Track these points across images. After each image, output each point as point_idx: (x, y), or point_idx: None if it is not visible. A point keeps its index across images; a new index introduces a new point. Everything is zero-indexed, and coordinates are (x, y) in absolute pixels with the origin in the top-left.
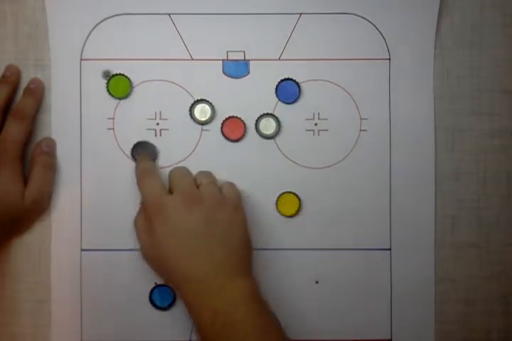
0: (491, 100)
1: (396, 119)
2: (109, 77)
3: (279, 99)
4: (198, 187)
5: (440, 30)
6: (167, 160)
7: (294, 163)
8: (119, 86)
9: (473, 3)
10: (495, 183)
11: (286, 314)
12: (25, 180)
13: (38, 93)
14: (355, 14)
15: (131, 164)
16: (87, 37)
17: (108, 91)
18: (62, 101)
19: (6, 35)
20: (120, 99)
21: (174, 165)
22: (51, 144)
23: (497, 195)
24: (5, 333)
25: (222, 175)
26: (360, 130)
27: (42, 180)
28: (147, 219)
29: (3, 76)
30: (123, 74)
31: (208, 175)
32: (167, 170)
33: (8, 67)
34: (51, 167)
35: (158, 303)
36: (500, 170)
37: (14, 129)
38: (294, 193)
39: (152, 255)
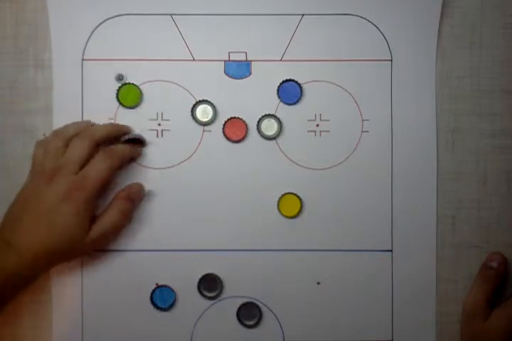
0: (491, 100)
1: (398, 120)
2: (121, 82)
3: (281, 100)
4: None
5: (440, 30)
6: (169, 161)
7: (296, 164)
8: (128, 95)
9: (474, 3)
10: (495, 183)
11: (287, 315)
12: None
13: (138, 152)
14: (357, 15)
15: (133, 165)
16: (89, 37)
17: (117, 99)
18: (64, 101)
19: (6, 35)
20: (129, 108)
21: (176, 167)
22: (139, 192)
23: (497, 195)
24: (6, 334)
25: (223, 176)
26: (362, 131)
27: (111, 224)
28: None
29: None
30: (135, 85)
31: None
32: (168, 171)
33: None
34: (127, 215)
35: (159, 304)
36: (500, 170)
37: (100, 166)
38: (295, 194)
39: None
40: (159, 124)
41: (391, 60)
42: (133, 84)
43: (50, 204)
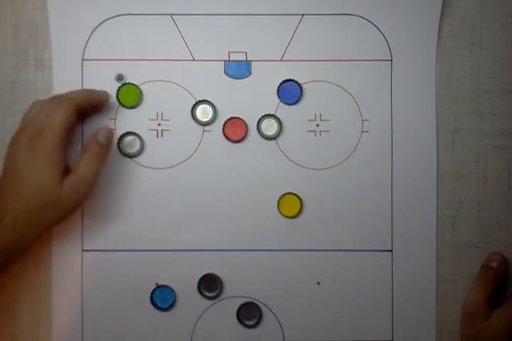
0: (491, 100)
1: (398, 120)
2: (121, 82)
3: (281, 100)
4: None
5: (440, 30)
6: (168, 161)
7: (296, 164)
8: (128, 95)
9: (474, 3)
10: (495, 183)
11: (287, 314)
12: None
13: (96, 94)
14: (357, 15)
15: (133, 164)
16: (89, 37)
17: (117, 99)
18: None
19: (6, 35)
20: (129, 108)
21: (175, 167)
22: (109, 136)
23: (497, 195)
24: (5, 333)
25: (223, 176)
26: (362, 131)
27: (86, 170)
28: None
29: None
30: (135, 85)
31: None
32: (168, 171)
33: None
34: (101, 157)
35: (159, 304)
36: (500, 170)
37: (54, 113)
38: (295, 194)
39: None
40: (159, 124)
41: (391, 60)
42: (133, 84)
43: (17, 160)
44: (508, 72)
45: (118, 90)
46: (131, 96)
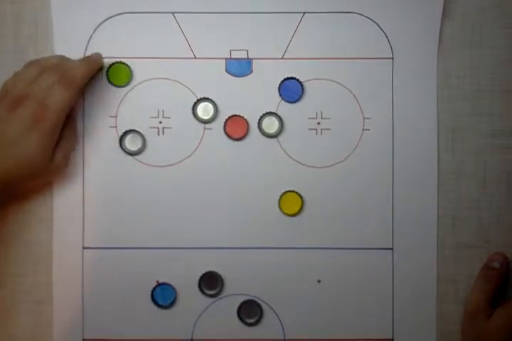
0: (490, 100)
1: (399, 119)
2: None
3: (282, 98)
4: None
5: (440, 30)
6: (169, 158)
7: (297, 162)
8: (119, 74)
9: (474, 3)
10: (495, 183)
11: (288, 312)
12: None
13: (95, 65)
14: (358, 13)
15: (134, 162)
16: (91, 35)
17: (108, 80)
18: None
19: (6, 35)
20: (121, 87)
21: (176, 164)
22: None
23: (497, 195)
24: (5, 334)
25: (224, 174)
26: (363, 129)
27: (68, 144)
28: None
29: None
30: (123, 63)
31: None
32: (170, 170)
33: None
34: (74, 130)
35: (160, 302)
36: (500, 170)
37: (59, 96)
38: (296, 192)
39: None
40: (160, 122)
41: (392, 58)
42: (123, 62)
43: (13, 134)
44: (508, 72)
45: (107, 72)
46: (122, 74)
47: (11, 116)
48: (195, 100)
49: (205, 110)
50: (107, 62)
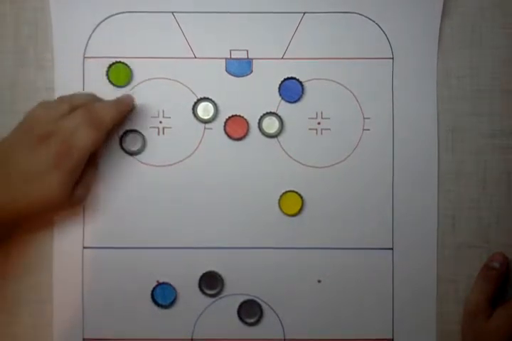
0: (490, 100)
1: (399, 119)
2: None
3: (282, 98)
4: None
5: (440, 30)
6: (169, 158)
7: (297, 162)
8: (119, 74)
9: (474, 3)
10: (495, 183)
11: (288, 312)
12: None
13: (125, 107)
14: (358, 13)
15: (134, 162)
16: (91, 35)
17: (108, 80)
18: None
19: (6, 35)
20: (121, 87)
21: (176, 164)
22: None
23: (497, 195)
24: (6, 333)
25: (224, 174)
26: (363, 129)
27: (88, 180)
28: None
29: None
30: (123, 63)
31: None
32: (170, 169)
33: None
34: (96, 166)
35: (160, 301)
36: (500, 170)
37: (85, 136)
38: (296, 192)
39: None
40: (160, 122)
41: (392, 58)
42: (122, 62)
43: (36, 170)
44: (508, 72)
45: (107, 72)
46: (122, 74)
47: (36, 152)
48: (195, 100)
49: (205, 110)
50: (106, 62)
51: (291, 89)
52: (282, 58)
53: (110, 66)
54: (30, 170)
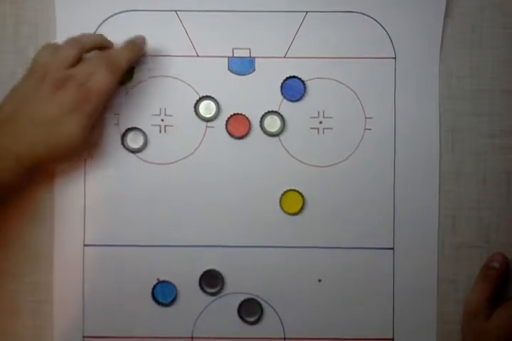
0: (490, 100)
1: (401, 118)
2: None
3: (284, 97)
4: None
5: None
6: (171, 156)
7: (298, 160)
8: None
9: (474, 3)
10: (495, 183)
11: (288, 311)
12: None
13: (138, 49)
14: (361, 13)
15: (136, 159)
16: (94, 33)
17: None
18: None
19: (6, 35)
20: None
21: (178, 162)
22: None
23: (497, 195)
24: (6, 333)
25: (226, 173)
26: (365, 129)
27: (101, 122)
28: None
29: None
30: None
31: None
32: (172, 167)
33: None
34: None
35: (160, 299)
36: (500, 170)
37: (103, 80)
38: (297, 191)
39: None
40: (162, 120)
41: (395, 58)
42: None
43: (55, 115)
44: (508, 72)
45: None
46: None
47: (53, 98)
48: (197, 98)
49: (207, 108)
50: None
51: (293, 88)
52: (285, 57)
53: None
54: (49, 116)
